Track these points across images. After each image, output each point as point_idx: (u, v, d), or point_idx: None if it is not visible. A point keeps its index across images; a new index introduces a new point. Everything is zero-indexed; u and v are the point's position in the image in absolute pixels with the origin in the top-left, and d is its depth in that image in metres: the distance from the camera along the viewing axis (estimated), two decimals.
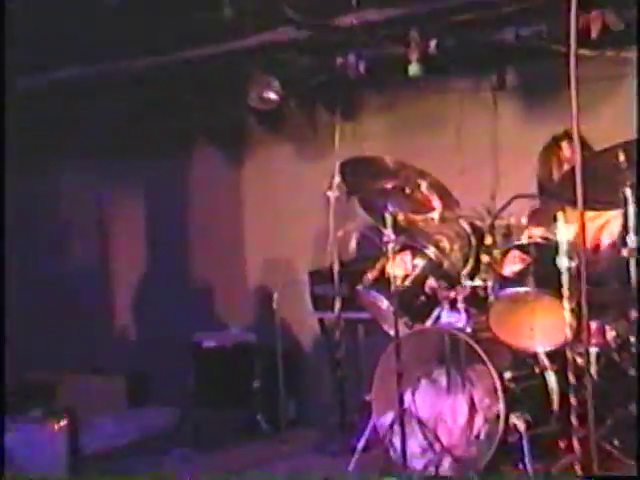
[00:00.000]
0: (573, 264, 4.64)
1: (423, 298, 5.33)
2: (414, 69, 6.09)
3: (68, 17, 5.72)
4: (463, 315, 5.16)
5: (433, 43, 6.07)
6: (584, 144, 4.16)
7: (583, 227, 3.39)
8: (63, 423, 5.93)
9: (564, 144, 5.42)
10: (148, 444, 6.87)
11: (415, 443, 4.99)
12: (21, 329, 8.63)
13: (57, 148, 8.43)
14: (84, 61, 6.89)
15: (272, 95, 6.84)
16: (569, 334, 4.64)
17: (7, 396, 6.96)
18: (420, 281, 5.34)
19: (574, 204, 4.14)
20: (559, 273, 4.62)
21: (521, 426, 4.68)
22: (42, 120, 7.89)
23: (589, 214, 4.81)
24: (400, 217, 5.16)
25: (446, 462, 4.92)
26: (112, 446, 6.83)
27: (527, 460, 4.62)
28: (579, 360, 4.67)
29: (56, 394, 8.06)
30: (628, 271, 4.50)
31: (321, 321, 6.77)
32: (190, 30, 6.15)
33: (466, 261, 5.24)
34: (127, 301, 8.56)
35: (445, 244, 5.29)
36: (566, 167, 5.27)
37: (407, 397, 5.04)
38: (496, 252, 5.07)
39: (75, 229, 8.82)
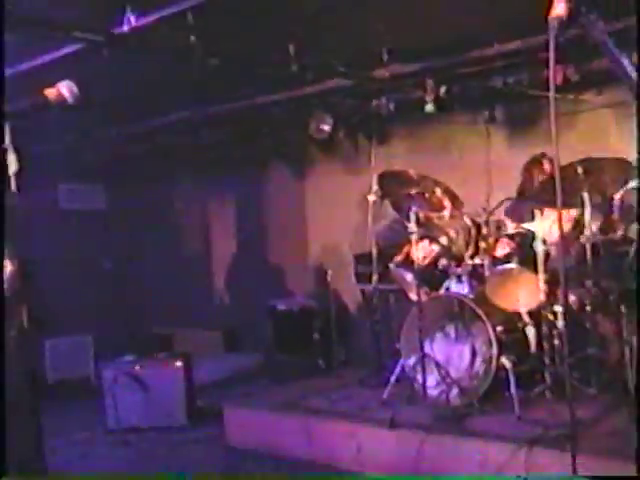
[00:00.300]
0: (545, 248, 4.78)
1: (437, 273, 5.31)
2: (429, 107, 6.04)
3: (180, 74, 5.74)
4: (466, 286, 5.15)
5: (443, 89, 6.03)
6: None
7: (560, 221, 3.29)
8: (181, 363, 6.12)
9: (544, 161, 5.42)
10: (239, 379, 6.99)
11: (432, 378, 4.97)
12: (151, 296, 8.90)
13: (173, 169, 8.65)
14: (191, 106, 6.99)
15: (326, 127, 6.86)
16: (543, 298, 4.72)
17: (140, 344, 7.15)
18: (435, 261, 5.34)
19: (551, 204, 4.22)
20: (535, 255, 4.71)
21: (508, 365, 4.68)
22: (163, 148, 8.05)
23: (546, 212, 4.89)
24: (421, 215, 5.10)
25: (454, 391, 4.91)
26: (214, 380, 7.02)
27: (512, 389, 4.59)
28: (550, 317, 4.77)
29: (173, 343, 8.28)
30: (585, 253, 4.65)
31: (362, 291, 6.72)
32: (266, 81, 6.17)
33: (468, 246, 5.20)
34: (223, 277, 8.59)
35: (453, 234, 5.27)
36: (541, 178, 5.29)
37: (426, 345, 5.02)
38: (490, 240, 5.09)
39: (187, 226, 9.00)
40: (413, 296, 5.34)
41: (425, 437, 4.55)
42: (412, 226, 4.99)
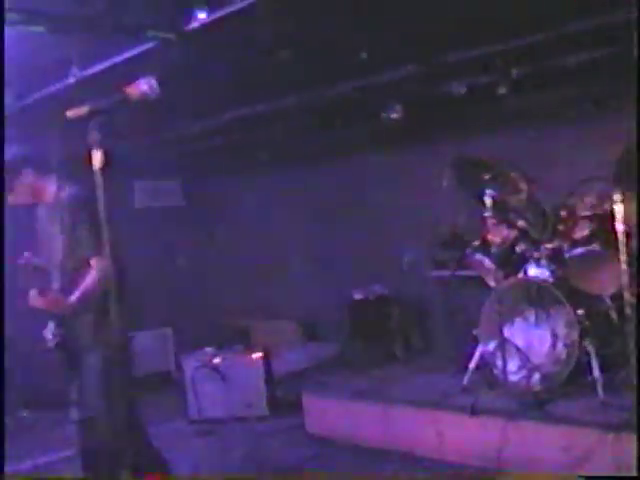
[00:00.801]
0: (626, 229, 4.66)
1: (515, 257, 5.25)
2: (502, 90, 6.01)
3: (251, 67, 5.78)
4: (546, 269, 5.08)
5: (515, 70, 6.00)
6: None
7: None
8: (260, 354, 6.22)
9: None
10: (318, 369, 7.03)
11: (512, 364, 4.94)
12: (229, 290, 9.03)
13: (250, 163, 8.74)
14: (264, 99, 7.03)
15: (395, 115, 6.91)
16: (625, 281, 4.58)
17: (219, 336, 7.24)
18: (513, 245, 5.27)
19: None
20: (616, 236, 4.58)
21: (591, 349, 4.64)
22: (240, 143, 8.03)
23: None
24: (497, 199, 5.04)
25: (536, 376, 4.87)
26: (292, 370, 7.11)
27: (595, 373, 4.54)
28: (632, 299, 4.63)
29: (251, 335, 8.39)
30: None
31: (439, 278, 6.66)
32: (335, 70, 6.19)
33: (546, 229, 5.12)
34: (300, 268, 8.63)
35: (530, 217, 5.20)
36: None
37: (506, 330, 4.99)
38: (569, 222, 5.01)
39: (265, 218, 9.04)
40: (491, 281, 5.32)
41: (507, 423, 4.54)
42: (488, 210, 4.97)
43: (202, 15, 4.26)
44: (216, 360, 6.20)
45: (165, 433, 5.95)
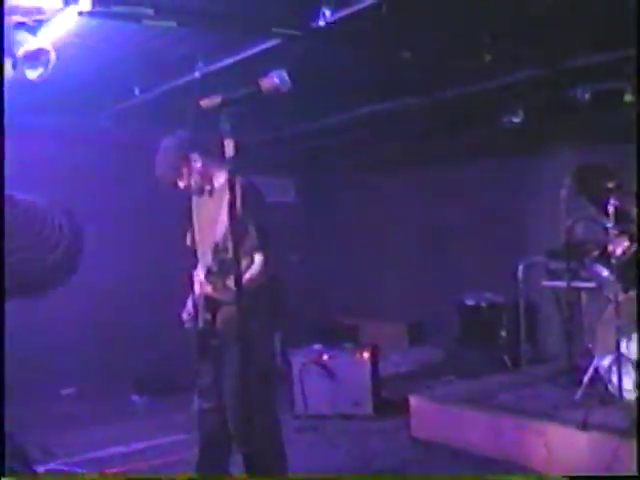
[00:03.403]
0: None
1: (636, 270, 4.99)
2: (628, 97, 5.86)
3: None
4: None
5: None
6: None
7: None
8: (368, 353, 6.22)
9: None
10: (423, 372, 7.05)
11: (628, 380, 4.76)
12: (339, 287, 9.08)
13: (361, 163, 8.79)
14: (381, 99, 7.05)
15: (516, 119, 6.80)
16: None
17: (326, 333, 7.28)
18: (634, 257, 5.03)
19: None
20: None
21: None
22: (354, 143, 8.19)
23: None
24: (619, 209, 4.87)
25: None
26: (398, 372, 7.10)
27: None
28: None
29: (359, 334, 8.43)
30: None
31: (554, 288, 6.54)
32: (457, 73, 6.13)
33: None
34: (412, 269, 8.63)
35: None
36: None
37: (623, 345, 4.82)
38: None
39: (377, 218, 9.08)
40: (609, 294, 5.15)
41: (619, 441, 4.39)
42: (610, 221, 4.84)
43: (328, 12, 4.31)
44: (324, 357, 6.25)
45: None
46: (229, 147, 2.35)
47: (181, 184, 3.96)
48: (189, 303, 4.03)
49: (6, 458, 1.48)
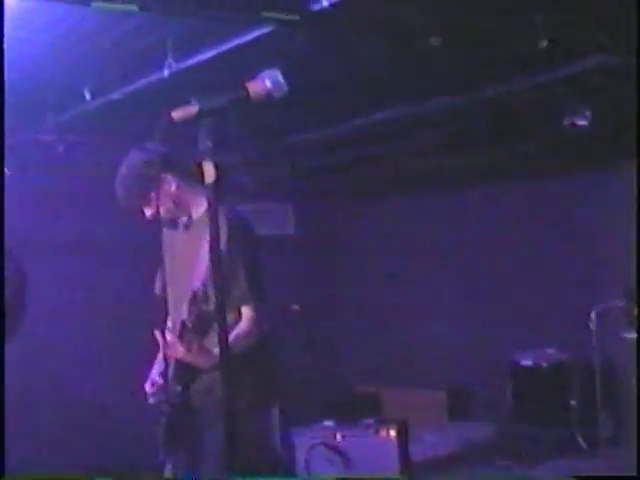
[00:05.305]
0: None
1: None
2: None
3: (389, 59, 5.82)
4: None
5: None
6: None
7: None
8: (394, 431, 6.21)
9: None
10: (469, 456, 7.00)
11: None
12: (352, 344, 9.08)
13: (379, 183, 8.84)
14: (402, 101, 7.06)
15: (583, 122, 6.81)
16: None
17: (338, 406, 7.28)
18: None
19: None
20: None
21: None
22: (366, 157, 8.18)
23: None
24: None
25: None
26: (435, 454, 7.07)
27: None
28: None
29: (381, 405, 8.39)
30: None
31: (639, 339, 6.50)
32: (504, 64, 6.15)
33: None
34: (446, 321, 8.59)
35: None
36: None
37: None
38: None
39: (396, 254, 9.10)
40: None
41: None
42: None
43: None
44: (337, 437, 6.25)
45: None
46: (209, 169, 2.37)
47: (148, 212, 3.96)
48: (155, 370, 4.02)
49: None
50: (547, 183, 7.84)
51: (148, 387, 3.98)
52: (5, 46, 4.69)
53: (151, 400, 3.95)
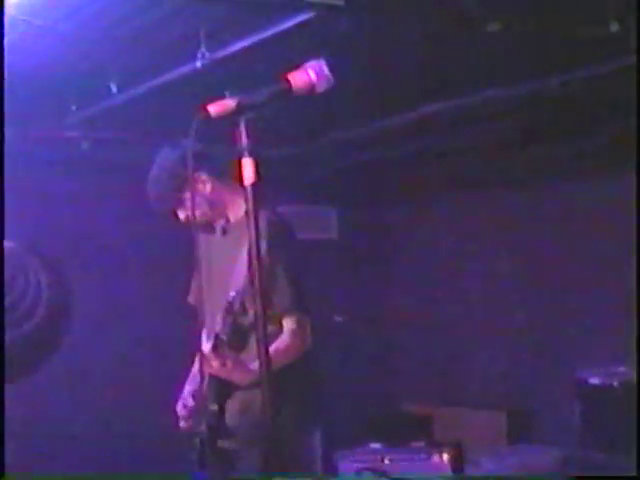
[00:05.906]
0: None
1: None
2: None
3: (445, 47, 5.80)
4: None
5: None
6: None
7: None
8: (448, 455, 6.21)
9: None
10: None
11: None
12: (400, 360, 9.07)
13: (431, 183, 8.87)
14: (452, 94, 7.02)
15: None
16: None
17: (386, 428, 7.26)
18: None
19: None
20: None
21: None
22: (416, 155, 8.28)
23: None
24: None
25: None
26: None
27: None
28: None
29: (433, 427, 8.37)
30: None
31: None
32: (568, 52, 6.11)
33: None
34: (505, 335, 8.59)
35: None
36: None
37: None
38: None
39: (449, 261, 9.17)
40: None
41: None
42: None
43: None
44: (385, 461, 6.25)
45: None
46: (249, 168, 2.37)
47: (181, 215, 3.99)
48: (186, 389, 4.03)
49: None
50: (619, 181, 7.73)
51: (179, 409, 3.98)
52: (24, 36, 4.73)
53: (182, 424, 3.95)
